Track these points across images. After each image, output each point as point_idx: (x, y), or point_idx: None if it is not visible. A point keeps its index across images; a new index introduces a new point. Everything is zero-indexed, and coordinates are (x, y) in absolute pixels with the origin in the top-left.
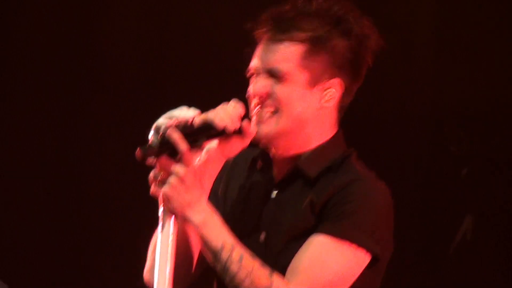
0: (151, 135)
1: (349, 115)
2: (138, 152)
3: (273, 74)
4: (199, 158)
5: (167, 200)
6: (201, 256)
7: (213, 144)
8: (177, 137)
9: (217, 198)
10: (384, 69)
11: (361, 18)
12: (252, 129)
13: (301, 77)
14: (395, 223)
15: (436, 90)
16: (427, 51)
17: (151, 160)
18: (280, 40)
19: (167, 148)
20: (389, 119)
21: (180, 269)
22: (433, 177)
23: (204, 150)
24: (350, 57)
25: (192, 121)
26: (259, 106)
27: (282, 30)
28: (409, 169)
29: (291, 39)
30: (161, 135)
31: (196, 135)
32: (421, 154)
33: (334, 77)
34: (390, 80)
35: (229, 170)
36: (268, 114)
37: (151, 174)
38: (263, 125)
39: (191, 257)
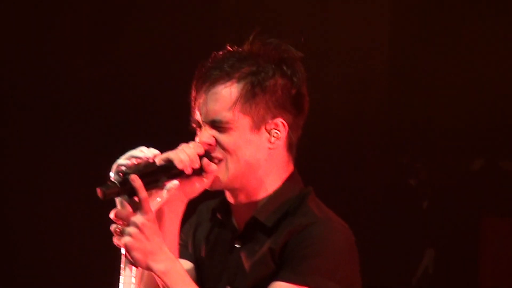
0: (112, 175)
1: (304, 151)
2: (99, 191)
3: (216, 125)
4: (160, 198)
5: (128, 250)
6: None
7: (174, 183)
8: (138, 184)
9: (188, 252)
10: (336, 102)
11: (294, 54)
12: (212, 168)
13: (243, 122)
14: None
15: (392, 122)
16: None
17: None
18: (217, 89)
19: (127, 188)
20: (345, 154)
21: None
22: (393, 212)
23: (165, 189)
24: (290, 95)
25: (152, 161)
26: (208, 156)
27: (218, 78)
28: (368, 204)
29: (227, 86)
30: (122, 175)
31: (157, 175)
32: (380, 189)
33: (277, 117)
34: (344, 113)
35: (195, 225)
36: (217, 162)
37: (112, 227)
38: (216, 176)
39: None
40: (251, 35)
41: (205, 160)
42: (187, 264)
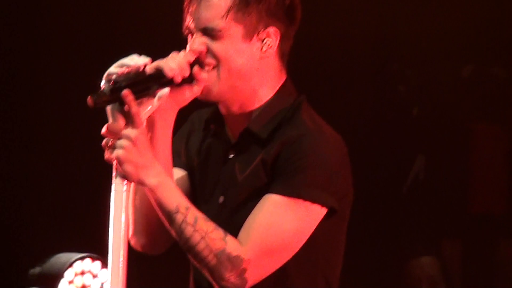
0: (103, 83)
1: (293, 62)
2: (89, 99)
3: (208, 32)
4: (151, 106)
5: (120, 163)
6: None
7: (164, 91)
8: (130, 99)
9: (181, 161)
10: (325, 9)
11: None
12: (202, 76)
13: (236, 31)
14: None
15: (381, 29)
16: None
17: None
18: None
19: (118, 96)
20: (335, 62)
21: (160, 226)
22: (383, 118)
23: (156, 97)
24: (283, 4)
25: (143, 69)
26: (199, 64)
27: None
28: (358, 111)
29: None
30: (112, 83)
31: (147, 83)
32: (370, 96)
33: (270, 26)
34: (332, 20)
35: (187, 134)
36: (209, 70)
37: (104, 142)
38: (208, 85)
39: None
40: None
41: (195, 68)
42: (180, 172)
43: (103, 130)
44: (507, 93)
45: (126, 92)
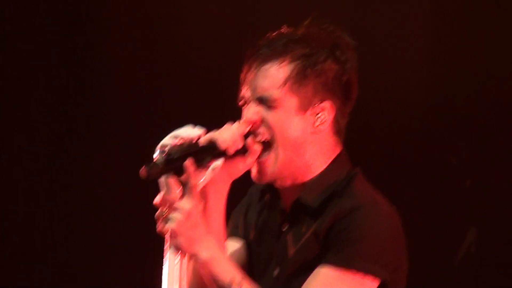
0: (156, 154)
1: (348, 131)
2: (142, 170)
3: (263, 102)
4: (204, 178)
5: (173, 236)
6: None
7: (218, 163)
8: (191, 170)
9: (238, 233)
10: (376, 84)
11: (348, 41)
12: (255, 147)
13: (291, 102)
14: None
15: (432, 99)
16: (419, 60)
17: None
18: (268, 66)
19: (172, 167)
20: (384, 133)
21: None
22: (435, 190)
23: (209, 169)
24: (340, 80)
25: (196, 141)
26: (253, 134)
27: (269, 56)
28: (410, 183)
29: (279, 65)
30: (166, 155)
31: (201, 154)
32: (421, 168)
33: (325, 100)
34: (384, 93)
35: (246, 207)
36: (261, 140)
37: (157, 213)
38: (265, 167)
39: None
40: (308, 19)
41: (249, 139)
42: (237, 244)
43: (157, 200)
44: None
45: (188, 163)
